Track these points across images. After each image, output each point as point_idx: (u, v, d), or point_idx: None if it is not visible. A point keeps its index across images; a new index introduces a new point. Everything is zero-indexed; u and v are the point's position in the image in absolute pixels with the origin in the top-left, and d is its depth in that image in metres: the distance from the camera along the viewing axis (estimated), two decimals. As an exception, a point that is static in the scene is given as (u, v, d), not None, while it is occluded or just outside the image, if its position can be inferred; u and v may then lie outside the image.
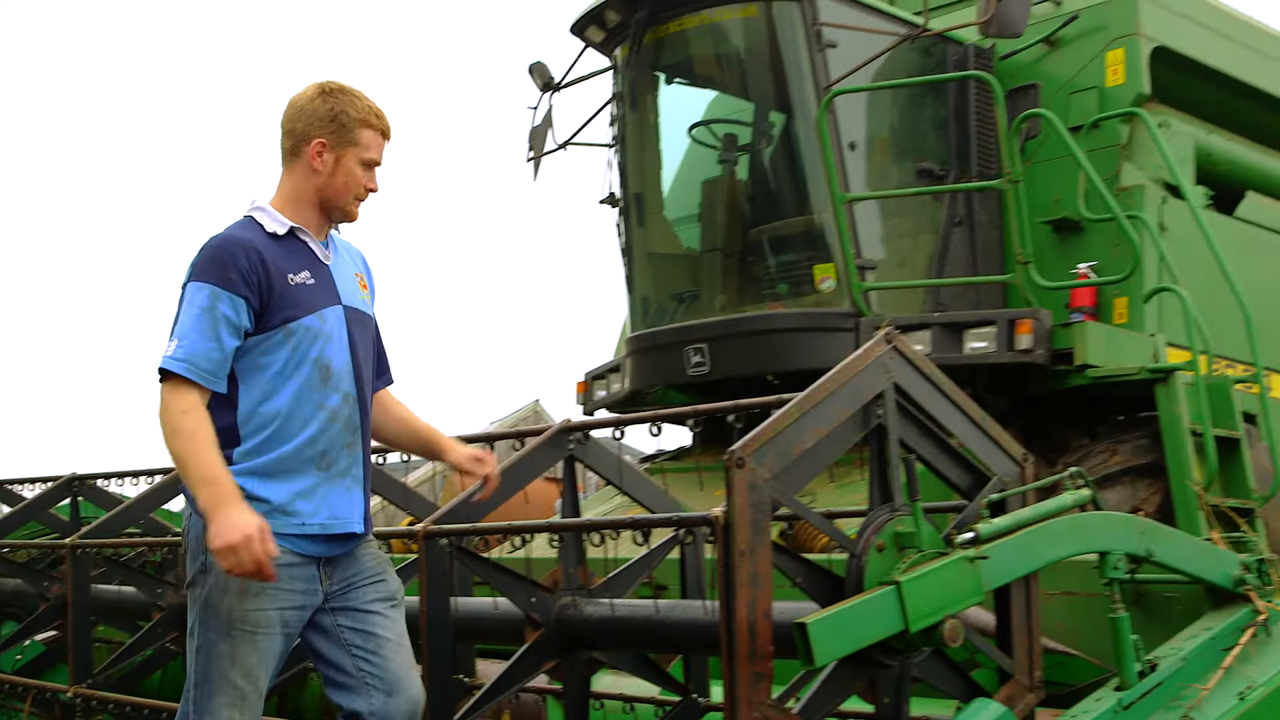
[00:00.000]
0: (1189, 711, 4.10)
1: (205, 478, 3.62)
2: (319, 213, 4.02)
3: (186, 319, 3.74)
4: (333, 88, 4.03)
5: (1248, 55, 8.94)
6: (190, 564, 3.82)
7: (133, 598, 6.70)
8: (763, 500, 3.63)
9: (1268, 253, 8.61)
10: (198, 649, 3.79)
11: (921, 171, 8.01)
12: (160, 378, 3.71)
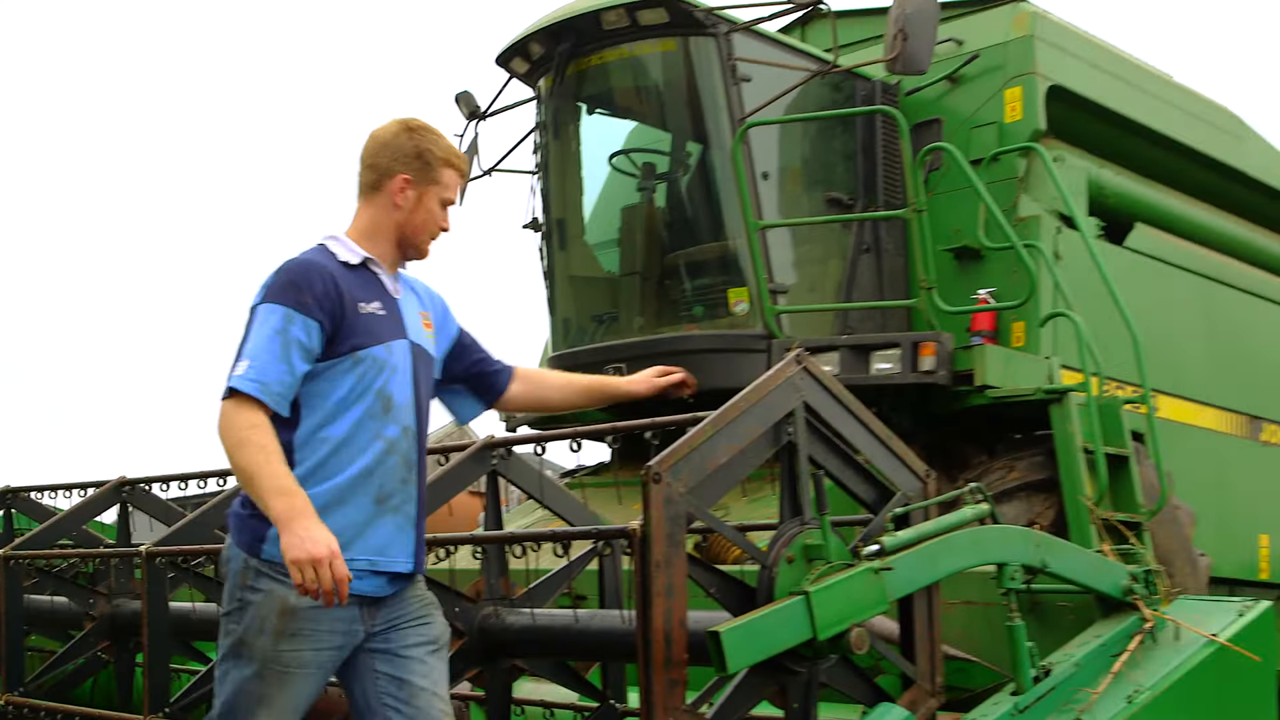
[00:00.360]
0: (1080, 714, 4.15)
1: (279, 489, 3.46)
2: (395, 247, 3.95)
3: (259, 340, 3.62)
4: (416, 125, 3.96)
5: (1136, 95, 9.07)
6: (228, 596, 3.66)
7: (65, 608, 6.59)
8: (678, 514, 3.64)
9: (1155, 281, 8.74)
10: (226, 677, 3.65)
11: (831, 201, 8.06)
12: (225, 395, 3.57)
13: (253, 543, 3.64)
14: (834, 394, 4.14)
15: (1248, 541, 9.20)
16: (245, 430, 3.51)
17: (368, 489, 3.73)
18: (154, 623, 5.78)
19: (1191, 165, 9.58)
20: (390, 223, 3.90)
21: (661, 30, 7.80)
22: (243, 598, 3.60)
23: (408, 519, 3.85)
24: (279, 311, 3.63)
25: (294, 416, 3.67)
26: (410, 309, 3.98)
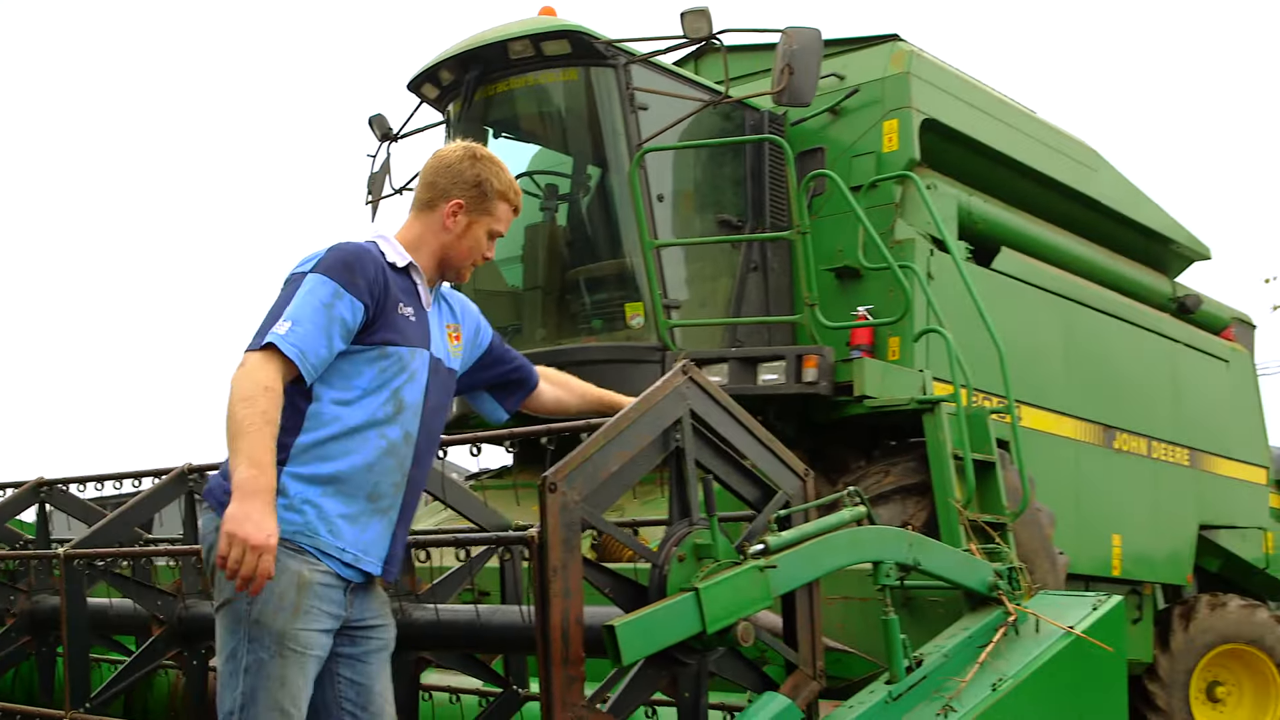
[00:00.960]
0: (949, 701, 4.17)
1: (254, 459, 3.24)
2: (435, 265, 3.82)
3: (305, 306, 3.43)
4: (482, 154, 3.85)
5: (1003, 129, 9.20)
6: (225, 579, 3.31)
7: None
8: (573, 520, 3.62)
9: (1019, 300, 8.86)
10: (245, 669, 3.38)
11: (721, 222, 8.08)
12: (258, 347, 3.37)
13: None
14: (718, 401, 4.14)
15: (1102, 541, 9.35)
16: (259, 389, 3.31)
17: (364, 484, 3.56)
18: (73, 621, 5.64)
19: (1052, 194, 9.74)
20: (436, 242, 3.79)
21: (564, 60, 7.79)
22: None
23: (389, 524, 3.68)
24: (330, 285, 3.48)
25: (314, 388, 3.51)
26: (438, 323, 3.86)
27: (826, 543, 4.19)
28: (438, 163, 3.83)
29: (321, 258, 3.55)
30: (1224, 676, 10.41)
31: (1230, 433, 11.08)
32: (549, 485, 3.57)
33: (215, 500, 3.46)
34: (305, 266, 3.55)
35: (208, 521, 3.52)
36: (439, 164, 3.82)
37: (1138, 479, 9.82)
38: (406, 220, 3.84)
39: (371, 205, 8.83)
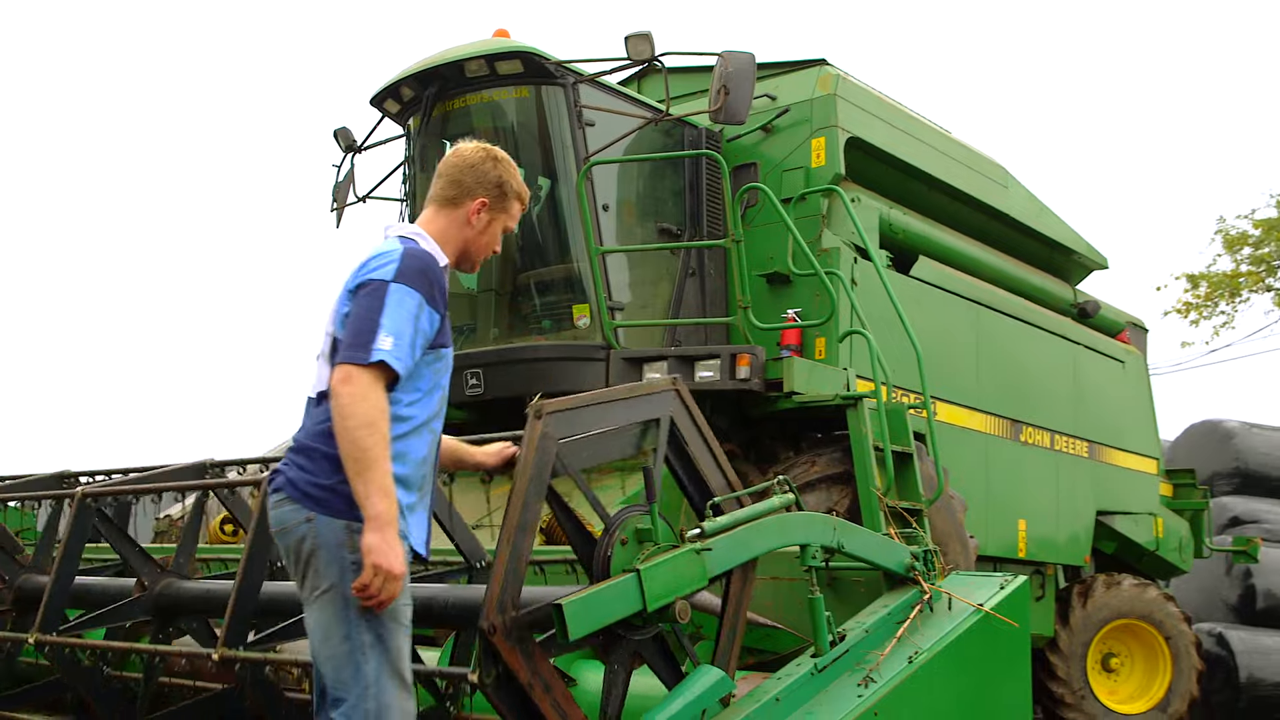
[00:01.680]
0: (870, 673, 4.20)
1: (385, 489, 3.20)
2: (455, 259, 3.75)
3: (400, 319, 3.34)
4: (501, 156, 3.80)
5: (921, 147, 9.26)
6: (327, 566, 3.29)
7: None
8: (547, 453, 3.64)
9: (934, 305, 8.93)
10: (367, 646, 3.28)
11: (662, 230, 8.08)
12: (368, 362, 3.25)
13: (351, 507, 3.28)
14: (693, 416, 4.20)
15: (1009, 525, 9.44)
16: (379, 413, 3.23)
17: (419, 476, 3.54)
18: (69, 550, 5.46)
19: (965, 208, 9.82)
20: (460, 238, 3.72)
21: (517, 79, 7.77)
22: (357, 560, 3.26)
23: (428, 510, 3.67)
24: (416, 298, 3.38)
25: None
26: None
27: (758, 527, 4.21)
28: (460, 161, 3.75)
29: (399, 266, 3.43)
30: (1117, 648, 10.56)
31: (1125, 427, 11.22)
32: (536, 412, 3.59)
33: (314, 496, 3.35)
34: (383, 274, 3.42)
35: (291, 513, 3.39)
36: (462, 163, 3.75)
37: (1041, 469, 9.93)
38: (427, 215, 3.75)
39: (337, 212, 8.77)
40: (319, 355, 3.60)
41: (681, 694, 3.90)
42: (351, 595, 3.25)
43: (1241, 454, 16.05)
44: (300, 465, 3.40)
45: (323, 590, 3.31)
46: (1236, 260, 20.07)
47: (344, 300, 3.50)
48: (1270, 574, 14.57)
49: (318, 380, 3.54)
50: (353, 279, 3.51)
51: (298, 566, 3.37)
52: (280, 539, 3.41)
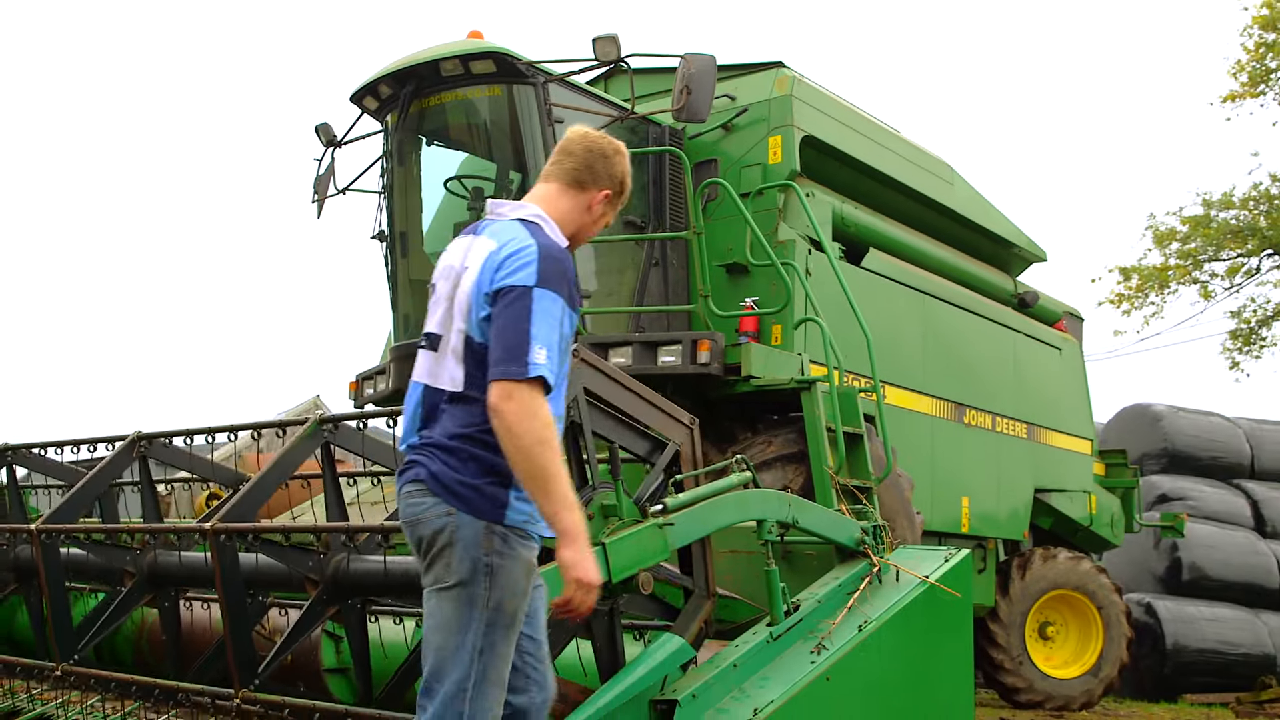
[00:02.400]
0: (822, 641, 4.22)
1: (569, 501, 3.04)
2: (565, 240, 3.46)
3: (547, 327, 3.10)
4: (625, 151, 3.56)
5: (873, 146, 9.27)
6: (460, 563, 3.09)
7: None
8: None
9: (884, 295, 8.95)
10: (479, 649, 3.10)
11: (627, 223, 8.06)
12: (526, 377, 3.03)
13: (495, 509, 3.13)
14: (607, 374, 4.16)
15: (953, 502, 9.49)
16: (548, 429, 3.02)
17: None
18: (52, 585, 5.52)
19: (914, 203, 9.84)
20: (575, 221, 3.49)
21: (490, 78, 7.72)
22: (491, 562, 3.10)
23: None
24: (559, 303, 3.15)
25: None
26: None
27: (717, 504, 4.22)
28: (594, 148, 3.49)
29: (538, 269, 3.17)
30: (1054, 617, 10.65)
31: (1062, 410, 11.30)
32: None
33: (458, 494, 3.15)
34: (524, 278, 3.16)
35: (431, 506, 3.17)
36: (595, 150, 3.49)
37: (983, 449, 9.98)
38: (548, 193, 3.48)
39: (318, 204, 8.70)
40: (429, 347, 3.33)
41: (644, 661, 3.91)
42: (477, 595, 3.10)
43: (1169, 435, 16.21)
44: (446, 462, 3.17)
45: (450, 585, 3.12)
46: (1166, 255, 20.21)
47: (479, 300, 3.21)
48: (1195, 548, 14.73)
49: (438, 374, 3.28)
50: (488, 279, 3.21)
51: (426, 556, 3.18)
52: (412, 528, 3.21)
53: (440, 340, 3.29)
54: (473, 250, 3.31)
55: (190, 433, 5.87)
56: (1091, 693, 10.57)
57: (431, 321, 3.34)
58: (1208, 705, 12.80)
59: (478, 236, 3.36)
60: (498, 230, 3.33)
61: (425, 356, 3.33)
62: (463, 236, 3.45)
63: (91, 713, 5.90)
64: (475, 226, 3.44)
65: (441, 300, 3.33)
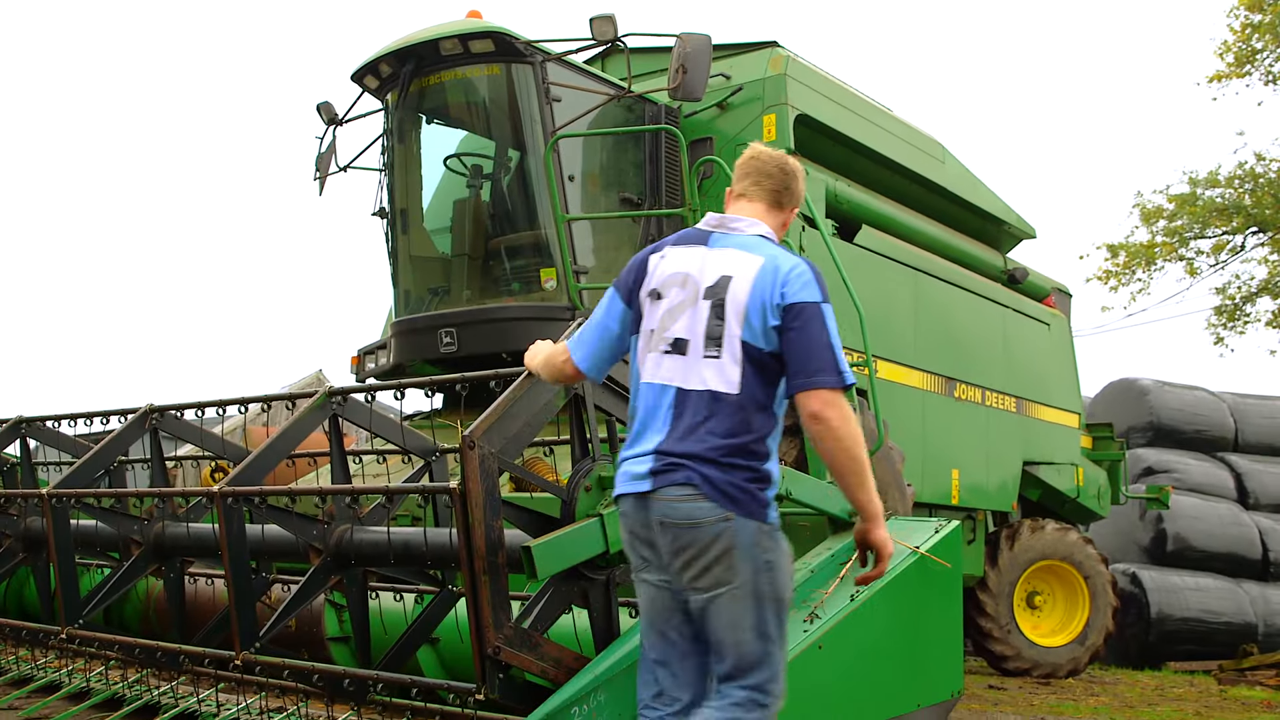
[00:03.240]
0: (815, 610, 4.21)
1: (874, 489, 3.25)
2: None
3: (838, 337, 3.23)
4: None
5: (865, 124, 9.26)
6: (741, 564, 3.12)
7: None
8: (490, 471, 3.63)
9: (876, 271, 8.95)
10: (777, 640, 3.20)
11: (624, 200, 8.06)
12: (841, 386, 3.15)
13: (763, 510, 3.18)
14: None
15: (943, 475, 9.52)
16: (858, 429, 3.20)
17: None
18: (61, 550, 5.52)
19: (905, 181, 9.83)
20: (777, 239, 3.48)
21: (489, 57, 7.70)
22: (770, 559, 3.18)
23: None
24: (831, 313, 3.26)
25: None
26: None
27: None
28: (788, 168, 3.52)
29: (818, 284, 3.28)
30: (1041, 587, 10.70)
31: (1050, 384, 11.32)
32: (469, 443, 3.55)
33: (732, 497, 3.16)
34: (810, 294, 3.24)
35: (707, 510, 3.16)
36: (790, 172, 3.52)
37: (973, 423, 10.00)
38: (759, 212, 3.48)
39: (320, 181, 8.68)
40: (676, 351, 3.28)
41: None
42: (763, 590, 3.16)
43: (1155, 409, 16.25)
44: (720, 467, 3.17)
45: (734, 586, 3.15)
46: (1152, 232, 20.21)
47: (762, 311, 3.22)
48: (1180, 519, 14.80)
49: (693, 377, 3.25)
50: (774, 292, 3.23)
51: (700, 559, 3.15)
52: (682, 530, 3.16)
53: (688, 344, 3.27)
54: (724, 262, 3.32)
55: (201, 405, 5.87)
56: (1078, 660, 10.63)
57: (675, 327, 3.30)
58: (1191, 673, 12.88)
59: (714, 249, 3.36)
60: (749, 245, 3.35)
61: (672, 360, 3.28)
62: (687, 247, 3.42)
63: (98, 680, 5.92)
64: (702, 237, 3.43)
65: (683, 306, 3.31)
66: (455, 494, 3.60)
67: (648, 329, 3.35)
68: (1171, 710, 8.62)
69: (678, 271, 3.36)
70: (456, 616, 5.04)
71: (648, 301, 3.38)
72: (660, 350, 3.30)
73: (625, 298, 3.47)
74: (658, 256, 3.44)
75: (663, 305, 3.33)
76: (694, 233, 3.47)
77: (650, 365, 3.32)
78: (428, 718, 4.41)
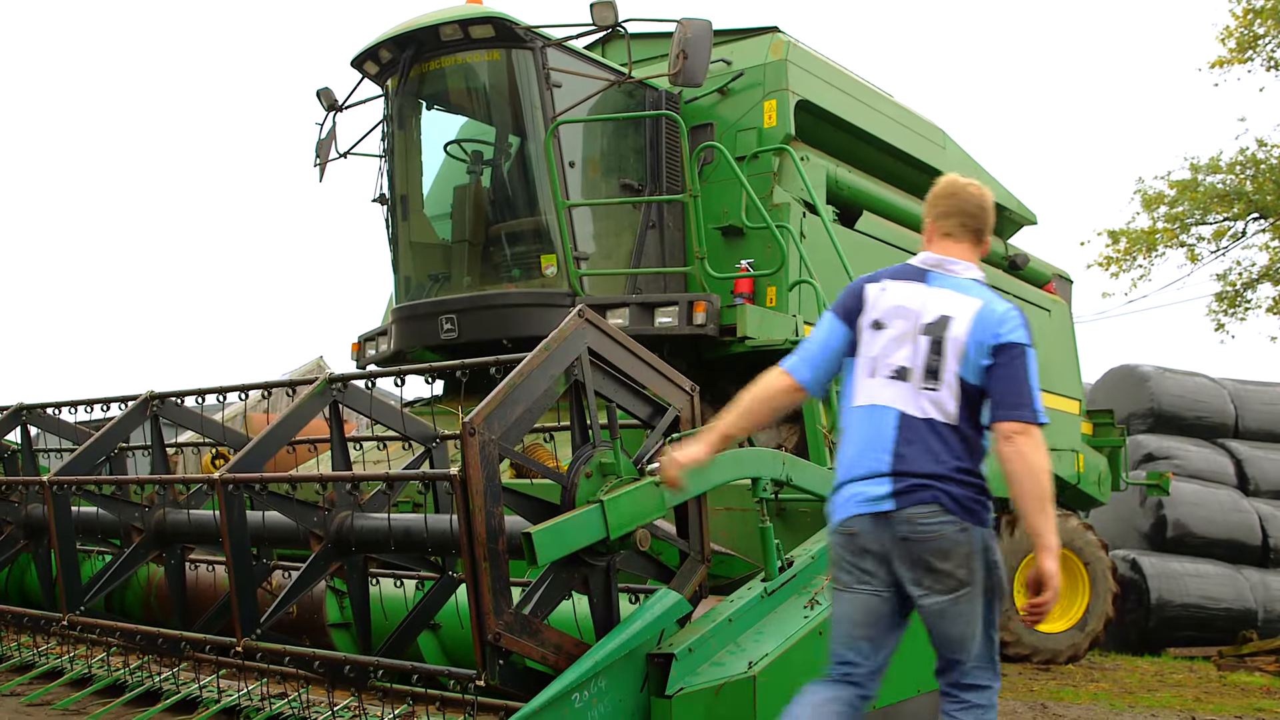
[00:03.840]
0: (815, 596, 4.23)
1: (1054, 518, 3.50)
2: None
3: (1037, 382, 3.51)
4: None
5: (866, 110, 9.23)
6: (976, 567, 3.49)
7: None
8: (491, 458, 3.62)
9: (877, 257, 8.91)
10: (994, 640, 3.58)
11: (624, 186, 8.04)
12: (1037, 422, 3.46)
13: (987, 518, 3.58)
14: (613, 336, 4.15)
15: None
16: (1048, 459, 3.50)
17: None
18: (62, 537, 5.51)
19: (906, 167, 9.80)
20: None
21: (489, 43, 7.67)
22: (996, 559, 3.56)
23: None
24: (1035, 357, 3.56)
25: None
26: None
27: (713, 462, 4.20)
28: (986, 204, 3.76)
29: (1026, 330, 3.54)
30: (1041, 573, 10.67)
31: (1051, 371, 11.29)
32: (469, 430, 3.55)
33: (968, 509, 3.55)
34: (1020, 337, 3.51)
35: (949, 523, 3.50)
36: (988, 207, 3.77)
37: (974, 409, 9.96)
38: (967, 252, 3.73)
39: (320, 167, 8.66)
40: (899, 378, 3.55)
41: (642, 615, 3.91)
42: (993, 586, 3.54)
43: (1156, 396, 16.23)
44: (960, 485, 3.53)
45: (970, 587, 3.48)
46: (1153, 218, 20.18)
47: (978, 350, 3.49)
48: (1180, 505, 14.79)
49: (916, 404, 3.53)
50: (989, 333, 3.50)
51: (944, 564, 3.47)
52: (930, 544, 3.47)
53: (909, 373, 3.55)
54: (943, 302, 3.58)
55: (202, 392, 5.86)
56: (1078, 646, 10.63)
57: (897, 356, 3.57)
58: (1190, 658, 12.89)
59: (933, 287, 3.63)
60: (966, 288, 3.61)
61: (895, 386, 3.56)
62: (905, 282, 3.67)
63: (99, 666, 5.93)
64: (920, 274, 3.68)
65: (905, 338, 3.58)
66: (456, 480, 3.59)
67: (868, 355, 3.62)
68: (1171, 696, 8.63)
69: (899, 305, 3.62)
70: (457, 603, 5.04)
71: (868, 330, 3.64)
72: (884, 376, 3.58)
73: (845, 320, 3.72)
74: (877, 288, 3.69)
75: (885, 335, 3.60)
76: (911, 269, 3.70)
77: (871, 389, 3.59)
78: (428, 704, 4.41)
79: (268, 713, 5.06)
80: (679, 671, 3.85)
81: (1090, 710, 7.32)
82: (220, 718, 5.18)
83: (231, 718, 5.17)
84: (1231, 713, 7.60)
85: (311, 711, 5.01)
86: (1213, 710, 7.70)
